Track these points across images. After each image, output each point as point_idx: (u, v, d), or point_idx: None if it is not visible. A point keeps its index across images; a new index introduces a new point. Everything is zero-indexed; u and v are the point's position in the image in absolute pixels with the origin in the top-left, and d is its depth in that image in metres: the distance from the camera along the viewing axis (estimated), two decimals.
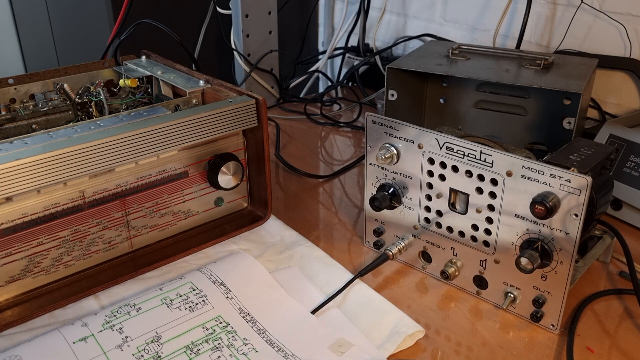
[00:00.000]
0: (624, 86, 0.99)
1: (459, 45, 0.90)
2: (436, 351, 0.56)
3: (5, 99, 0.74)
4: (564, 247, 0.55)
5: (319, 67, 1.37)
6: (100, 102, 0.75)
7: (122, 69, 0.81)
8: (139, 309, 0.58)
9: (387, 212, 0.68)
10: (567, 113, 0.78)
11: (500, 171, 0.56)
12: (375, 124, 0.64)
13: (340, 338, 0.56)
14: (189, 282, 0.62)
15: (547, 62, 0.82)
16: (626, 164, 0.76)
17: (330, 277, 0.65)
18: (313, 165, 0.97)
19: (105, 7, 1.20)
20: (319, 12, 1.52)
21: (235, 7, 1.15)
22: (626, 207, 0.77)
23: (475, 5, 1.17)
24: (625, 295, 0.64)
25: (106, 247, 0.65)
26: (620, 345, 0.57)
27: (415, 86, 0.91)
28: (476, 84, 0.87)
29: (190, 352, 0.54)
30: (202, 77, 0.76)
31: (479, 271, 0.62)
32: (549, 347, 0.57)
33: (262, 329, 0.57)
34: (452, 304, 0.63)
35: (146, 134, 0.61)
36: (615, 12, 0.96)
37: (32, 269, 0.60)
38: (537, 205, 0.54)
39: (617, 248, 0.67)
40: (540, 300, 0.58)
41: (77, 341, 0.54)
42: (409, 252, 0.68)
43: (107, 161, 0.59)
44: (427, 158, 0.62)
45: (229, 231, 0.73)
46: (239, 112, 0.68)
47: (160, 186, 0.67)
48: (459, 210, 0.62)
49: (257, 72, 1.21)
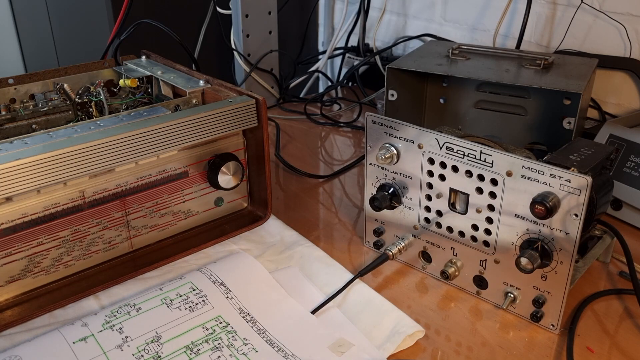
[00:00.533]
0: (624, 86, 0.99)
1: (459, 45, 0.90)
2: (436, 351, 0.56)
3: (5, 99, 0.74)
4: (564, 247, 0.55)
5: (319, 67, 1.37)
6: (100, 102, 0.75)
7: (122, 69, 0.81)
8: (139, 309, 0.58)
9: (387, 212, 0.68)
10: (567, 113, 0.78)
11: (500, 171, 0.56)
12: (375, 124, 0.64)
13: (340, 338, 0.56)
14: (189, 282, 0.62)
15: (547, 62, 0.82)
16: (626, 164, 0.76)
17: (330, 277, 0.65)
18: (313, 165, 0.97)
19: (105, 7, 1.20)
20: (319, 12, 1.52)
21: (235, 7, 1.15)
22: (626, 207, 0.77)
23: (475, 5, 1.17)
24: (625, 295, 0.64)
25: (106, 247, 0.65)
26: (620, 345, 0.57)
27: (415, 86, 0.91)
28: (476, 84, 0.87)
29: (190, 352, 0.54)
30: (202, 77, 0.76)
31: (479, 271, 0.62)
32: (549, 347, 0.57)
33: (262, 329, 0.57)
34: (452, 304, 0.63)
35: (146, 134, 0.61)
36: (615, 12, 0.96)
37: (32, 269, 0.60)
38: (537, 205, 0.54)
39: (617, 248, 0.67)
40: (540, 300, 0.58)
41: (77, 341, 0.54)
42: (409, 252, 0.68)
43: (107, 161, 0.59)
44: (427, 158, 0.62)
45: (229, 231, 0.73)
46: (239, 112, 0.68)
47: (160, 186, 0.67)
48: (459, 210, 0.62)
49: (257, 72, 1.21)
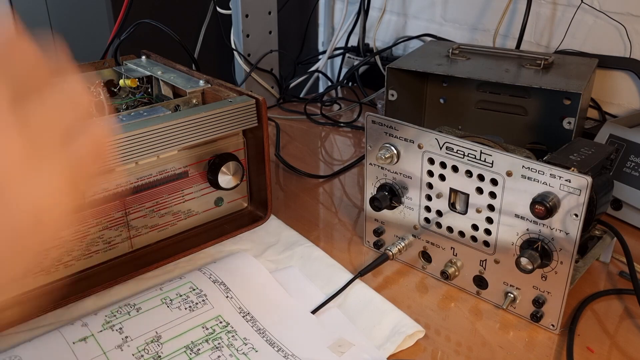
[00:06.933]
0: (624, 86, 0.99)
1: (459, 45, 0.90)
2: (436, 351, 0.56)
3: None
4: (564, 247, 0.55)
5: (319, 67, 1.37)
6: (100, 102, 0.75)
7: (122, 69, 0.81)
8: (139, 309, 0.58)
9: (387, 212, 0.68)
10: (567, 113, 0.78)
11: (500, 171, 0.56)
12: (375, 124, 0.64)
13: (340, 338, 0.56)
14: (189, 282, 0.62)
15: (547, 62, 0.82)
16: (626, 164, 0.76)
17: (330, 277, 0.65)
18: (313, 165, 0.97)
19: (105, 7, 1.20)
20: (319, 12, 1.52)
21: (235, 7, 1.15)
22: (626, 207, 0.77)
23: (475, 5, 1.17)
24: (625, 295, 0.64)
25: (106, 247, 0.65)
26: (620, 345, 0.57)
27: (415, 86, 0.91)
28: (476, 84, 0.87)
29: (190, 351, 0.54)
30: (202, 77, 0.76)
31: (479, 271, 0.62)
32: (549, 347, 0.57)
33: (262, 329, 0.57)
34: (452, 304, 0.63)
35: (146, 134, 0.61)
36: (615, 12, 0.96)
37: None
38: (537, 205, 0.54)
39: (617, 248, 0.67)
40: (540, 300, 0.58)
41: (77, 341, 0.54)
42: (409, 252, 0.68)
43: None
44: (427, 158, 0.62)
45: (229, 231, 0.73)
46: (239, 112, 0.68)
47: (160, 186, 0.67)
48: (459, 210, 0.62)
49: (257, 72, 1.21)
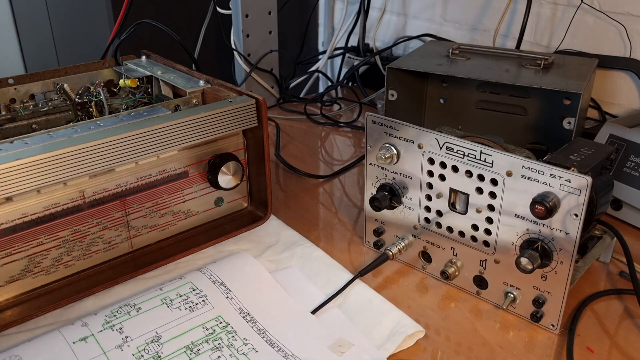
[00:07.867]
0: (624, 86, 0.99)
1: (459, 45, 0.90)
2: (436, 351, 0.56)
3: (5, 99, 0.74)
4: (564, 247, 0.55)
5: (319, 67, 1.37)
6: (100, 102, 0.75)
7: (122, 69, 0.81)
8: (139, 309, 0.58)
9: (387, 212, 0.68)
10: (567, 113, 0.78)
11: (500, 171, 0.56)
12: (375, 124, 0.64)
13: (340, 338, 0.56)
14: (189, 282, 0.62)
15: (547, 62, 0.82)
16: (626, 164, 0.76)
17: (330, 277, 0.65)
18: (313, 165, 0.97)
19: (105, 7, 1.20)
20: (319, 12, 1.52)
21: (235, 7, 1.15)
22: (626, 207, 0.77)
23: (475, 5, 1.17)
24: (625, 295, 0.64)
25: (106, 247, 0.65)
26: (620, 345, 0.57)
27: (415, 86, 0.91)
28: (476, 84, 0.87)
29: (190, 352, 0.54)
30: (202, 77, 0.76)
31: (479, 271, 0.62)
32: (549, 347, 0.57)
33: (262, 329, 0.57)
34: (452, 304, 0.63)
35: (146, 134, 0.61)
36: (615, 12, 0.96)
37: (32, 269, 0.60)
38: (537, 205, 0.54)
39: (617, 248, 0.67)
40: (540, 300, 0.58)
41: (77, 341, 0.54)
42: (409, 252, 0.68)
43: (107, 161, 0.59)
44: (427, 158, 0.62)
45: (229, 231, 0.73)
46: (239, 112, 0.68)
47: (160, 186, 0.67)
48: (459, 210, 0.62)
49: (257, 72, 1.21)
